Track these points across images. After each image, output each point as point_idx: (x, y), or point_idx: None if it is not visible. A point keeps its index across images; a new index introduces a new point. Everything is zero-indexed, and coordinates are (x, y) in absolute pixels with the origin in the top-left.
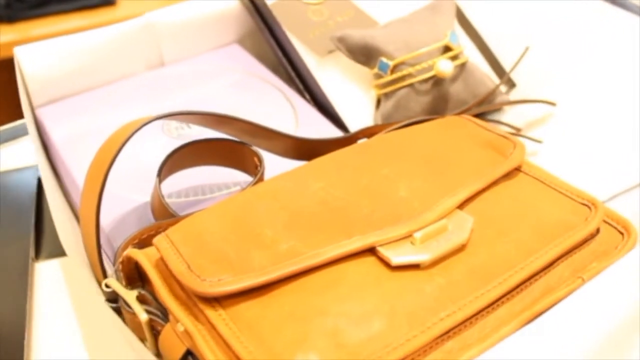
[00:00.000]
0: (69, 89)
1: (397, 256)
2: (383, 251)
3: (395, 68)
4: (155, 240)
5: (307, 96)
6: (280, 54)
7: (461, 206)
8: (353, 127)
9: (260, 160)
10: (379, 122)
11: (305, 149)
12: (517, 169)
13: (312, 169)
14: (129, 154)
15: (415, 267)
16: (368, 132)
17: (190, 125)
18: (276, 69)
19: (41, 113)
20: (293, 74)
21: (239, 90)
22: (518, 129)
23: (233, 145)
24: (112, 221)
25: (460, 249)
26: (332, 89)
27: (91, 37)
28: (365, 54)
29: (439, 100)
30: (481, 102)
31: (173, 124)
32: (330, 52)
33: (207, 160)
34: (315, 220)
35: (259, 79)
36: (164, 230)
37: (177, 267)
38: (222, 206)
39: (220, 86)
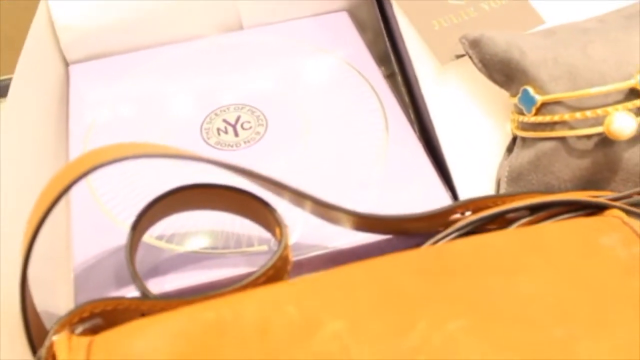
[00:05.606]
0: (108, 45)
1: None
2: None
3: (544, 107)
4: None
5: (412, 116)
6: (388, 44)
7: None
8: (462, 178)
9: (282, 232)
10: (505, 175)
11: (368, 225)
12: None
13: (334, 288)
14: (146, 169)
15: None
16: (472, 206)
17: (243, 127)
18: (387, 57)
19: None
20: (400, 79)
21: (323, 79)
22: None
23: (252, 202)
24: (86, 267)
25: None
26: (445, 117)
27: None
28: (505, 73)
29: (601, 168)
30: None
31: (216, 124)
32: (459, 57)
33: (218, 207)
34: None
35: (352, 71)
36: (119, 313)
37: None
38: (185, 321)
39: (299, 68)
